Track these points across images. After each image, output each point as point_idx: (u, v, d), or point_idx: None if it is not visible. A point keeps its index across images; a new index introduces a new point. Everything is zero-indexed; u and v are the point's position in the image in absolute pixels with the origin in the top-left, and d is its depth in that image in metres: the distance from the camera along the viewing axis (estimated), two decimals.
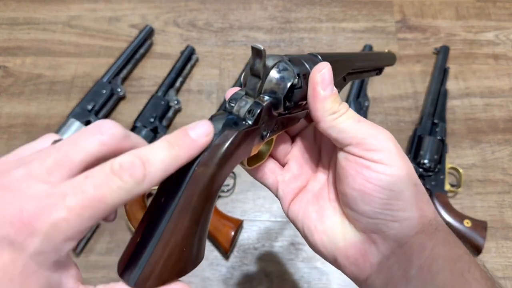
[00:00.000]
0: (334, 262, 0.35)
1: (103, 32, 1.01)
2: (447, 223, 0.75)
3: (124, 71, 0.92)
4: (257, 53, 0.30)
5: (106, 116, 0.88)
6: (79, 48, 0.99)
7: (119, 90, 0.88)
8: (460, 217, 0.75)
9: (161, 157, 0.25)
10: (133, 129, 0.82)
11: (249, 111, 0.31)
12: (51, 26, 1.02)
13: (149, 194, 0.81)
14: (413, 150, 0.82)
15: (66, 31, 1.01)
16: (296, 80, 0.32)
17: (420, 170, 0.79)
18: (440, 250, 0.31)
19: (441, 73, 0.92)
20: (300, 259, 0.75)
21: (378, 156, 0.31)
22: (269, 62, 0.32)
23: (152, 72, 0.95)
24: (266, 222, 0.79)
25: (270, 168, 0.38)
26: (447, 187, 0.78)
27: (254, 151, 0.33)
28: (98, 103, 0.85)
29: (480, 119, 0.89)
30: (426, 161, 0.79)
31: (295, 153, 0.39)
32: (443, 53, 0.95)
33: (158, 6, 1.05)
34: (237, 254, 0.76)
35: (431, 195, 0.77)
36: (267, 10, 1.04)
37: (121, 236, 0.77)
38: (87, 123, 0.83)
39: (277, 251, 0.76)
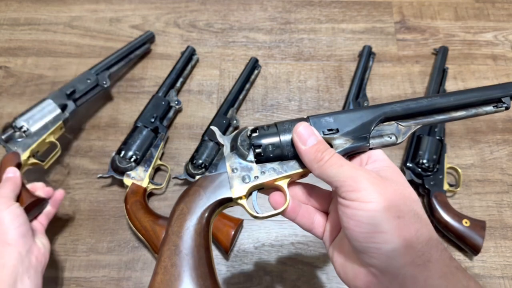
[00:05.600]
0: None
1: (104, 32, 1.01)
2: (446, 223, 0.75)
3: (115, 67, 0.91)
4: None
5: (83, 103, 0.86)
6: (80, 48, 0.99)
7: (104, 82, 0.88)
8: (459, 216, 0.75)
9: None
10: (134, 129, 0.83)
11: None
12: (52, 26, 1.02)
13: (150, 194, 0.81)
14: (412, 150, 0.82)
15: (67, 31, 1.02)
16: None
17: (419, 170, 0.80)
18: (434, 283, 0.32)
19: (440, 74, 0.92)
20: (300, 258, 0.76)
21: (356, 195, 0.35)
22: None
23: (152, 73, 0.96)
24: (266, 222, 0.79)
25: (318, 220, 0.45)
26: (446, 187, 0.79)
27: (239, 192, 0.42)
28: (78, 89, 0.85)
29: (479, 119, 0.90)
30: (425, 161, 0.79)
31: (334, 205, 0.44)
32: (442, 53, 0.95)
33: (158, 7, 1.05)
34: (237, 253, 0.76)
35: (429, 194, 0.78)
36: (267, 11, 1.05)
37: (122, 235, 0.78)
38: (63, 107, 0.82)
39: (277, 251, 0.77)
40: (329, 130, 0.41)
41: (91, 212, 0.80)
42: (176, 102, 0.88)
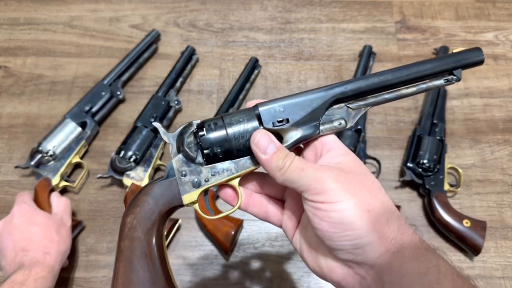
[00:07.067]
0: (331, 283, 0.39)
1: (103, 32, 1.01)
2: (446, 223, 0.75)
3: (126, 75, 0.92)
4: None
5: (104, 118, 0.88)
6: (79, 48, 0.99)
7: (118, 93, 0.89)
8: (459, 217, 0.75)
9: None
10: (134, 129, 0.82)
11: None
12: (52, 26, 1.02)
13: None
14: (413, 150, 0.82)
15: (67, 31, 1.01)
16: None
17: (420, 170, 0.79)
18: (408, 266, 0.33)
19: None
20: (300, 258, 0.76)
21: (324, 197, 0.35)
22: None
23: (152, 73, 0.96)
24: (266, 222, 0.79)
25: (272, 208, 0.44)
26: (446, 187, 0.79)
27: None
28: (96, 105, 0.86)
29: (480, 119, 0.89)
30: (425, 161, 0.79)
31: (289, 191, 0.43)
32: (442, 53, 0.95)
33: (158, 6, 1.05)
34: (237, 254, 0.76)
35: (430, 195, 0.78)
36: (267, 10, 1.05)
37: None
38: (83, 124, 0.84)
39: (277, 251, 0.76)
40: (279, 121, 0.40)
41: (90, 212, 0.79)
42: (176, 102, 0.88)
